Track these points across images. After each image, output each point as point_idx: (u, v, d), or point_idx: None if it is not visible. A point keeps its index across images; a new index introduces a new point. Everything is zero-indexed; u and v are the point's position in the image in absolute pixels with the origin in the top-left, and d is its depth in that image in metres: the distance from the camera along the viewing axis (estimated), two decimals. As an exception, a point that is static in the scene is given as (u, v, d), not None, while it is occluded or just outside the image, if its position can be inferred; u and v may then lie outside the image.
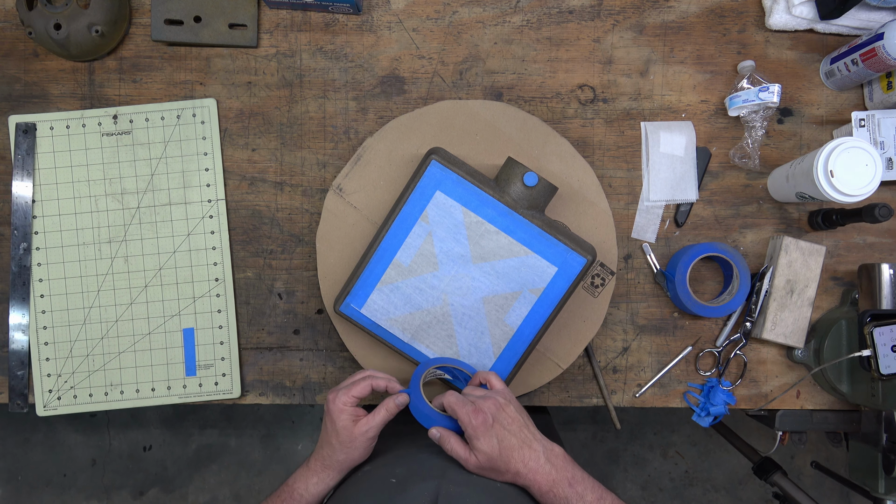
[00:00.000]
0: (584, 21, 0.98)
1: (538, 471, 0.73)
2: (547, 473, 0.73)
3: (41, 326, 0.96)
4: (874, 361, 0.85)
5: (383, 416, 0.78)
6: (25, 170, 0.95)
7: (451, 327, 0.88)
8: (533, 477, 0.73)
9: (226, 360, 0.97)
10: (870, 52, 0.87)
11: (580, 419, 1.99)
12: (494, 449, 0.72)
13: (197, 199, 0.97)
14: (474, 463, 0.73)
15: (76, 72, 0.97)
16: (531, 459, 0.73)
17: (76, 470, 1.97)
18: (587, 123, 0.98)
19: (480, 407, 0.74)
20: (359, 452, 0.78)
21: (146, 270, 0.96)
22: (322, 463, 0.79)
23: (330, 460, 0.79)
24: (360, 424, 0.77)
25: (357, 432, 0.77)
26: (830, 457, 1.95)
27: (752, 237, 0.99)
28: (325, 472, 0.79)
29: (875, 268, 0.91)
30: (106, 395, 0.96)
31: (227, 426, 1.97)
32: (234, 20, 0.96)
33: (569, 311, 0.93)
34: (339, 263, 0.93)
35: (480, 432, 0.73)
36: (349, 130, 0.98)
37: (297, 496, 0.79)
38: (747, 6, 0.99)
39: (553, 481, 0.72)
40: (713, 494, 1.99)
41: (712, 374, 0.98)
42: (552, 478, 0.72)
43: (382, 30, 0.98)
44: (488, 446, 0.72)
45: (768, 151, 0.99)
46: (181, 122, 0.97)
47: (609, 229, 0.94)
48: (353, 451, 0.78)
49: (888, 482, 0.91)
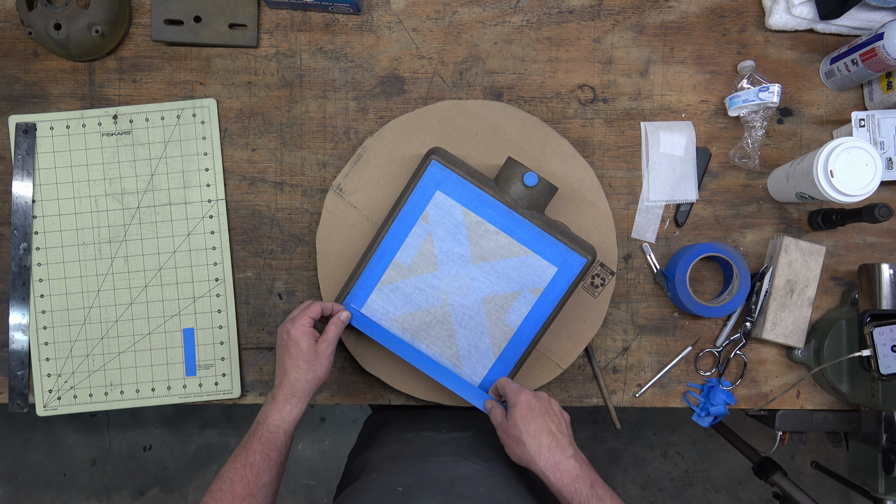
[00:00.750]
0: (584, 21, 0.98)
1: (562, 464, 0.75)
2: (571, 468, 0.74)
3: (41, 326, 0.96)
4: (874, 361, 0.85)
5: (334, 331, 0.84)
6: (25, 170, 0.95)
7: (451, 327, 0.88)
8: (555, 468, 0.75)
9: (226, 360, 0.97)
10: (870, 52, 0.87)
11: (580, 419, 1.99)
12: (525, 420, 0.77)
13: (197, 199, 0.97)
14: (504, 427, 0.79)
15: (76, 72, 0.97)
16: (558, 452, 0.75)
17: (76, 470, 1.97)
18: (587, 123, 0.98)
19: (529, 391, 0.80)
20: (323, 369, 0.83)
21: (146, 270, 0.96)
22: (290, 391, 0.81)
23: (297, 385, 0.81)
24: (319, 344, 0.82)
25: (320, 350, 0.82)
26: (830, 457, 1.95)
27: (752, 237, 0.99)
28: (294, 398, 0.81)
29: (875, 268, 0.91)
30: (106, 395, 0.96)
31: (227, 426, 1.97)
32: (234, 20, 0.96)
33: (569, 311, 0.93)
34: (339, 263, 0.93)
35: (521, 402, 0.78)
36: (349, 130, 0.98)
37: (273, 428, 0.80)
38: (747, 6, 0.99)
39: (576, 477, 0.74)
40: (713, 494, 1.99)
41: (712, 374, 0.98)
42: (575, 474, 0.74)
43: (382, 30, 0.98)
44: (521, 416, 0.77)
45: (768, 151, 0.99)
46: (181, 122, 0.97)
47: (609, 229, 0.94)
48: (319, 369, 0.82)
49: (888, 482, 0.91)
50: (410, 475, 0.77)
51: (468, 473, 0.77)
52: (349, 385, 0.98)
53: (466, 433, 0.92)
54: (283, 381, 0.82)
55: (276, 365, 0.84)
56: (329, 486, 1.96)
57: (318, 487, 1.96)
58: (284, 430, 0.80)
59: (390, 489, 0.72)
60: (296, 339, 0.81)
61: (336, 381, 0.98)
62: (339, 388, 0.98)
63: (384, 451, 0.91)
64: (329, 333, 0.84)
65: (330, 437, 1.98)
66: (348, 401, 0.98)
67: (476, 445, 0.88)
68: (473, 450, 0.86)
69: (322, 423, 1.99)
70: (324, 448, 1.98)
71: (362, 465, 0.90)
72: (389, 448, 0.91)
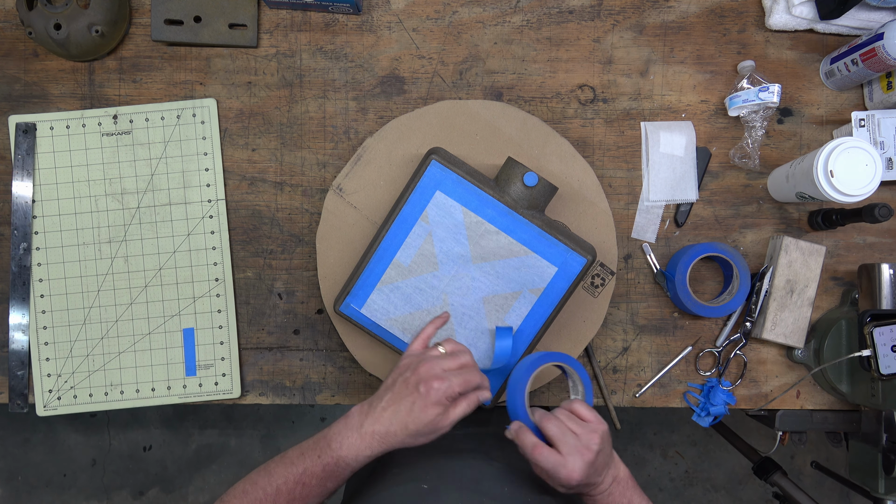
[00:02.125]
0: (584, 21, 0.98)
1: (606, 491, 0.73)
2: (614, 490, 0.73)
3: (41, 326, 0.96)
4: (874, 361, 0.85)
5: (464, 409, 0.71)
6: (25, 170, 0.95)
7: (451, 327, 0.88)
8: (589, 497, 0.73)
9: (226, 360, 0.97)
10: (870, 52, 0.87)
11: (580, 419, 1.99)
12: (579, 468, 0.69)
13: (197, 199, 0.97)
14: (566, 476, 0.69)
15: (76, 72, 0.97)
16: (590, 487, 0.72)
17: (76, 470, 1.97)
18: (587, 123, 0.98)
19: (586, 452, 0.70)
20: (424, 440, 0.71)
21: (146, 270, 0.96)
22: (381, 439, 0.70)
23: (394, 440, 0.70)
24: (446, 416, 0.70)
25: (441, 425, 0.70)
26: (830, 457, 1.95)
27: (752, 237, 0.99)
28: (380, 447, 0.71)
29: (875, 268, 0.91)
30: (106, 395, 0.96)
31: (227, 426, 1.97)
32: (234, 20, 0.96)
33: (569, 311, 0.93)
34: (339, 263, 0.93)
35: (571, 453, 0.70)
36: (349, 130, 0.98)
37: (343, 464, 0.70)
38: (747, 6, 0.99)
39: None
40: (713, 494, 1.99)
41: (712, 374, 0.98)
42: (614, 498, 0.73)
43: (382, 30, 0.98)
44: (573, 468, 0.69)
45: (768, 151, 0.99)
46: (181, 122, 0.97)
47: (609, 229, 0.94)
48: (420, 440, 0.71)
49: (888, 482, 0.91)
50: (435, 471, 0.74)
51: (492, 472, 0.76)
52: (349, 385, 0.98)
53: (484, 429, 0.91)
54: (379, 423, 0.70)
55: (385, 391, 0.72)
56: (329, 486, 1.96)
57: (318, 487, 1.96)
58: (353, 467, 0.71)
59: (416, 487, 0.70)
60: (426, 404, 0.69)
61: (336, 381, 0.98)
62: (338, 389, 0.98)
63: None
64: (457, 411, 0.71)
65: (330, 437, 1.98)
66: (348, 401, 0.98)
67: (495, 442, 0.86)
68: (493, 446, 0.84)
69: (322, 423, 1.99)
70: (324, 448, 1.98)
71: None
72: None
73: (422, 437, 0.71)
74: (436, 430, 0.70)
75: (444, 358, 0.73)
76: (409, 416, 0.70)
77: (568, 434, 0.70)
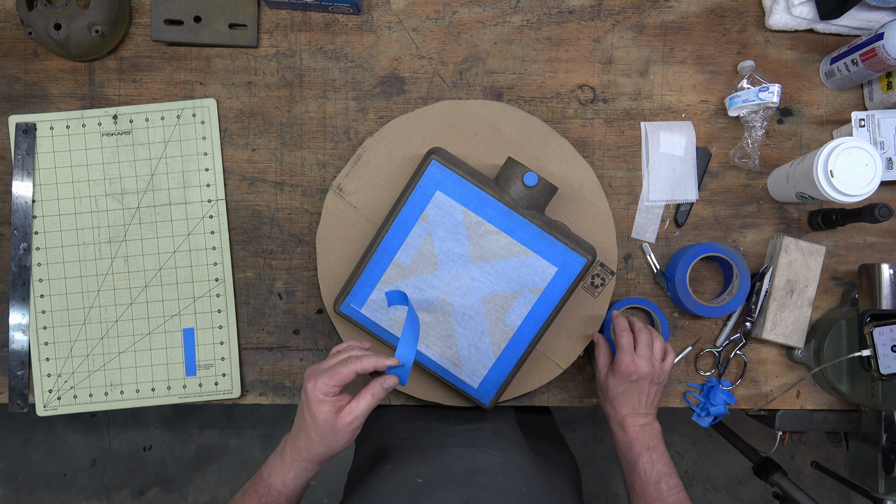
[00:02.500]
0: (584, 21, 0.98)
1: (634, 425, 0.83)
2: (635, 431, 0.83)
3: (41, 326, 0.96)
4: (874, 361, 0.85)
5: (369, 402, 0.70)
6: (25, 170, 0.95)
7: (451, 327, 0.88)
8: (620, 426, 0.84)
9: (226, 360, 0.97)
10: (870, 52, 0.87)
11: (580, 419, 1.99)
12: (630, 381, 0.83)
13: (197, 199, 0.97)
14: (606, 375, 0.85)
15: (76, 72, 0.98)
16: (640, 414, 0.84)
17: (76, 470, 1.97)
18: (587, 123, 0.98)
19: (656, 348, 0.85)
20: (341, 444, 0.71)
21: (146, 270, 0.96)
22: (299, 456, 0.72)
23: (308, 453, 0.71)
24: (343, 415, 0.69)
25: (340, 424, 0.69)
26: (830, 457, 1.95)
27: (752, 237, 0.99)
28: (301, 464, 0.72)
29: (875, 268, 0.91)
30: (106, 395, 0.96)
31: (227, 426, 1.97)
32: (234, 20, 0.96)
33: (569, 311, 0.93)
34: (339, 263, 0.93)
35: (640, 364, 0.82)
36: (349, 130, 0.98)
37: (275, 493, 0.72)
38: (747, 6, 0.99)
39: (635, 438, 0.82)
40: (713, 494, 1.99)
41: (712, 374, 0.98)
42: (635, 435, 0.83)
43: (382, 30, 0.98)
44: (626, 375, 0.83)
45: (768, 151, 0.99)
46: (181, 122, 0.97)
47: (609, 229, 0.94)
48: (335, 444, 0.71)
49: (888, 482, 0.91)
50: (428, 466, 0.75)
51: (486, 464, 0.75)
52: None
53: (478, 425, 0.91)
54: (294, 442, 0.72)
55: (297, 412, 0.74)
56: (329, 486, 1.96)
57: (318, 488, 1.96)
58: (286, 496, 0.72)
59: (410, 481, 0.70)
60: (312, 407, 0.69)
61: (336, 381, 0.98)
62: (339, 388, 0.98)
63: (396, 439, 0.90)
64: (360, 405, 0.70)
65: (330, 437, 1.98)
66: (348, 401, 0.98)
67: (490, 437, 0.86)
68: (488, 441, 0.84)
69: (322, 423, 1.98)
70: (324, 448, 1.98)
71: (374, 451, 0.89)
72: (401, 437, 0.90)
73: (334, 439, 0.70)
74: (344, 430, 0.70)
75: (322, 362, 0.73)
76: (311, 424, 0.70)
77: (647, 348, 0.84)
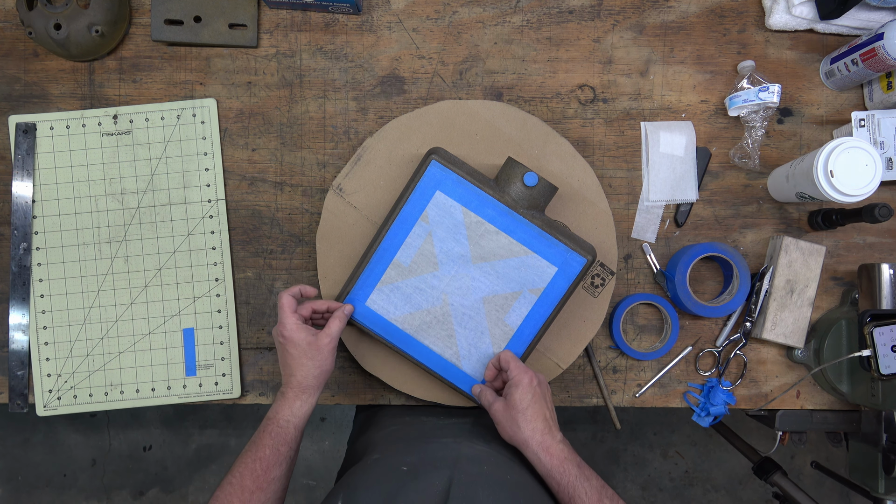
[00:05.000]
0: (584, 21, 0.98)
1: (552, 447, 0.78)
2: (560, 452, 0.78)
3: (41, 326, 0.96)
4: (874, 361, 0.85)
5: (338, 326, 0.83)
6: (25, 170, 0.95)
7: (451, 327, 0.88)
8: (545, 451, 0.78)
9: (226, 360, 0.97)
10: (870, 52, 0.87)
11: (580, 419, 1.99)
12: (525, 402, 0.79)
13: (197, 199, 0.97)
14: (500, 406, 0.81)
15: (76, 72, 0.97)
16: (549, 437, 0.78)
17: (76, 470, 1.97)
18: (587, 123, 0.98)
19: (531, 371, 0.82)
20: (328, 363, 0.82)
21: (146, 270, 0.96)
22: (299, 388, 0.81)
23: (306, 381, 0.81)
24: (321, 337, 0.82)
25: (321, 343, 0.81)
26: (830, 457, 1.95)
27: (752, 237, 0.99)
28: (304, 394, 0.82)
29: (875, 268, 0.91)
30: (106, 395, 0.96)
31: (227, 426, 1.97)
32: (234, 20, 0.96)
33: (569, 311, 0.93)
34: (339, 263, 0.93)
35: (524, 384, 0.80)
36: (349, 130, 0.98)
37: (283, 423, 0.80)
38: (747, 6, 0.99)
39: (565, 458, 0.78)
40: (713, 494, 1.99)
41: (712, 374, 0.98)
42: (564, 456, 0.78)
43: (382, 30, 0.98)
44: (521, 398, 0.79)
45: (768, 151, 0.99)
46: (181, 122, 0.97)
47: (609, 229, 0.94)
48: (325, 363, 0.82)
49: (888, 482, 0.91)
50: (414, 455, 0.77)
51: (471, 453, 0.78)
52: (349, 385, 0.98)
53: (466, 419, 0.93)
54: (290, 380, 0.82)
55: (281, 367, 0.84)
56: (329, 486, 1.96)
57: (318, 487, 1.96)
58: (294, 424, 0.81)
59: (395, 468, 0.73)
60: (292, 339, 0.81)
61: (336, 381, 0.98)
62: (339, 388, 0.98)
63: (385, 432, 0.92)
64: (332, 327, 0.83)
65: (330, 437, 1.98)
66: (348, 401, 0.98)
67: (476, 430, 0.88)
68: (474, 434, 0.87)
69: (322, 423, 1.99)
70: (324, 448, 1.98)
71: (364, 446, 0.90)
72: (390, 430, 0.92)
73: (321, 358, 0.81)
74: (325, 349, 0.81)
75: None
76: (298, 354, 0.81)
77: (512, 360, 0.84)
